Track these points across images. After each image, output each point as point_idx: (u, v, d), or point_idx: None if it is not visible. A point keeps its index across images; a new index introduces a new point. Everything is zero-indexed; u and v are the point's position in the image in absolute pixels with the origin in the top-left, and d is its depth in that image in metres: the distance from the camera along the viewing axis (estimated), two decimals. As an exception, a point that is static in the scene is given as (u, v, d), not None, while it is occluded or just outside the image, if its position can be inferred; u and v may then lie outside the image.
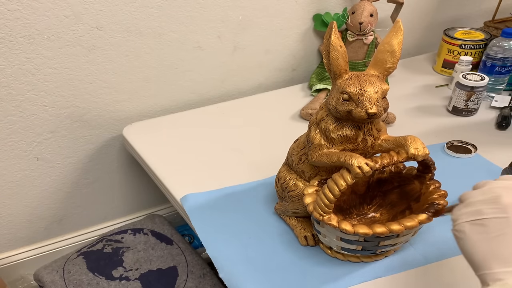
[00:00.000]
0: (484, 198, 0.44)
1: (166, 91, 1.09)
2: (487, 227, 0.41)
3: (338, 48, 0.58)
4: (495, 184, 0.45)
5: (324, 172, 0.66)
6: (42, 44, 0.88)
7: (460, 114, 1.05)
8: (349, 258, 0.68)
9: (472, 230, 0.42)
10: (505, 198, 0.42)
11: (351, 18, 1.07)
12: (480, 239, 0.41)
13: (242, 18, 1.07)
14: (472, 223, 0.43)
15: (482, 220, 0.42)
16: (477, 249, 0.41)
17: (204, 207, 0.79)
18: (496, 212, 0.41)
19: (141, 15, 0.95)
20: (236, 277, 0.66)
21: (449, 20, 1.41)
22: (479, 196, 0.45)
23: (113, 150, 1.11)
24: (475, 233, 0.42)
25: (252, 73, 1.19)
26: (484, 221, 0.42)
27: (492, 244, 0.41)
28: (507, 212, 0.41)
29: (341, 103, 0.58)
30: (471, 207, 0.44)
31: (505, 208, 0.41)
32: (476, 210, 0.43)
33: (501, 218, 0.41)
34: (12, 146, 0.98)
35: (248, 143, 0.98)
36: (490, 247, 0.41)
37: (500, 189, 0.44)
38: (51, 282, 0.96)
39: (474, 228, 0.42)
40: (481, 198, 0.44)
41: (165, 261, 1.01)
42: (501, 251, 0.40)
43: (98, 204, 1.19)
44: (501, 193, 0.43)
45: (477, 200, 0.44)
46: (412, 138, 0.58)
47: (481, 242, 0.41)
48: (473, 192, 0.47)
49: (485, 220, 0.42)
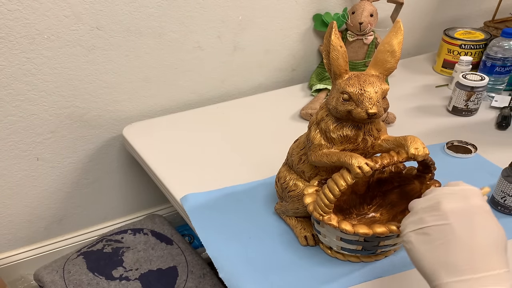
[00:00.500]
0: (426, 206, 0.42)
1: (166, 91, 1.09)
2: (431, 236, 0.40)
3: (338, 48, 0.58)
4: (438, 191, 0.44)
5: (324, 172, 0.66)
6: (42, 44, 0.88)
7: (460, 114, 1.05)
8: (349, 258, 0.68)
9: (418, 240, 0.41)
10: (445, 204, 0.41)
11: (351, 18, 1.07)
12: (426, 249, 0.39)
13: (242, 18, 1.07)
14: (416, 232, 0.41)
15: (425, 229, 0.40)
16: (425, 260, 0.40)
17: (204, 207, 0.79)
18: (437, 220, 0.40)
19: (141, 15, 0.95)
20: (236, 277, 0.66)
21: (449, 20, 1.41)
22: (423, 204, 0.43)
23: (113, 150, 1.11)
24: (421, 243, 0.40)
25: (252, 73, 1.19)
26: (427, 230, 0.40)
27: (438, 253, 0.39)
28: (448, 219, 0.39)
29: (341, 103, 0.58)
30: (415, 216, 0.43)
31: (446, 215, 0.40)
32: (419, 219, 0.42)
33: (443, 225, 0.39)
34: (12, 146, 0.98)
35: (248, 143, 0.98)
36: (436, 257, 0.39)
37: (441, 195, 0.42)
38: (51, 282, 0.96)
39: (419, 238, 0.41)
40: (423, 206, 0.43)
41: (165, 261, 1.01)
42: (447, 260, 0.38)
43: (98, 204, 1.19)
44: (441, 200, 0.41)
45: (420, 208, 0.43)
46: (412, 138, 0.58)
47: (427, 252, 0.39)
48: (418, 200, 0.45)
49: (428, 229, 0.40)
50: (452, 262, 0.37)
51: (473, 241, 0.38)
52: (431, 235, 0.40)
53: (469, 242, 0.38)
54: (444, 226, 0.39)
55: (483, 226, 0.39)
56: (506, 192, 0.73)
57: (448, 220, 0.39)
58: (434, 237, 0.39)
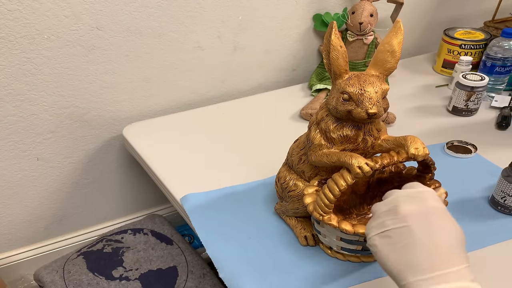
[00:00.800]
0: (386, 209, 0.44)
1: (166, 91, 1.09)
2: (392, 238, 0.41)
3: (338, 48, 0.58)
4: (396, 194, 0.45)
5: (324, 172, 0.66)
6: (42, 44, 0.88)
7: (460, 114, 1.05)
8: (349, 258, 0.68)
9: (381, 243, 0.42)
10: (403, 208, 0.42)
11: (351, 18, 1.07)
12: (389, 251, 0.41)
13: (242, 18, 1.07)
14: (380, 235, 0.43)
15: (386, 232, 0.42)
16: (390, 261, 0.41)
17: (204, 207, 0.79)
18: (396, 223, 0.41)
19: (141, 15, 0.95)
20: (236, 277, 0.66)
21: (449, 20, 1.41)
22: (383, 207, 0.45)
23: (113, 150, 1.11)
24: (385, 245, 0.42)
25: (252, 73, 1.19)
26: (388, 233, 0.42)
27: (400, 255, 0.40)
28: (407, 221, 0.41)
29: (341, 103, 0.58)
30: (377, 220, 0.44)
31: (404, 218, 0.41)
32: (381, 222, 0.43)
33: (402, 227, 0.41)
34: (12, 146, 0.98)
35: (248, 143, 0.98)
36: (400, 258, 0.40)
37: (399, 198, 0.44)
38: (51, 282, 0.96)
39: (383, 241, 0.42)
40: (384, 210, 0.44)
41: (165, 261, 1.01)
42: (410, 260, 0.40)
43: (98, 204, 1.19)
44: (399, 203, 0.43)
45: (381, 212, 0.44)
46: (412, 138, 0.58)
47: (391, 253, 0.41)
48: (379, 204, 0.47)
49: (389, 232, 0.42)
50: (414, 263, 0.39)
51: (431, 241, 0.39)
52: (392, 237, 0.41)
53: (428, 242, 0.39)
54: (403, 228, 0.41)
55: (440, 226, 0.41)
56: (506, 192, 0.73)
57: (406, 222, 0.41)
58: (395, 240, 0.41)
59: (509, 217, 0.75)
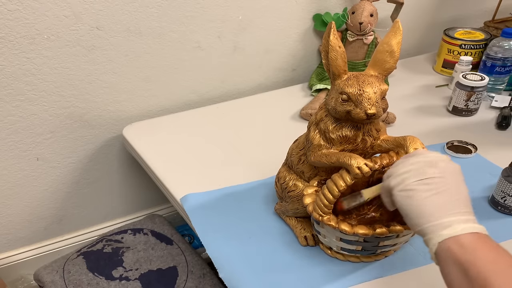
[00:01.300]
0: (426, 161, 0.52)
1: (166, 91, 1.09)
2: (432, 185, 0.50)
3: (337, 48, 0.58)
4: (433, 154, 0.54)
5: (323, 173, 0.66)
6: (42, 44, 0.88)
7: (460, 114, 1.05)
8: (349, 258, 0.68)
9: (421, 189, 0.50)
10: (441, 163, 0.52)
11: (351, 18, 1.07)
12: (428, 195, 0.49)
13: (242, 18, 1.07)
14: (419, 182, 0.50)
15: (427, 180, 0.50)
16: (427, 204, 0.49)
17: (204, 207, 0.79)
18: (437, 173, 0.50)
19: (141, 15, 0.95)
20: (236, 277, 0.66)
21: (449, 20, 1.41)
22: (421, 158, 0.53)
23: (113, 150, 1.11)
24: (424, 191, 0.50)
25: (252, 73, 1.19)
26: (429, 181, 0.50)
27: (439, 199, 0.49)
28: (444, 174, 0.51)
29: (340, 104, 0.58)
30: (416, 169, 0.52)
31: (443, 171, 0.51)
32: (421, 172, 0.51)
33: (441, 177, 0.50)
34: (12, 146, 0.98)
35: (248, 143, 0.98)
36: (437, 201, 0.49)
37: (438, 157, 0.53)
38: (51, 282, 0.96)
39: (423, 187, 0.50)
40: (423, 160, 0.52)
41: (165, 261, 1.01)
42: (445, 205, 0.49)
43: (98, 204, 1.19)
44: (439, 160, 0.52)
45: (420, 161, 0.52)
46: (411, 138, 0.58)
47: (431, 197, 0.49)
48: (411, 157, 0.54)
49: (430, 180, 0.50)
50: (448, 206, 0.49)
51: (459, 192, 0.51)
52: (432, 184, 0.50)
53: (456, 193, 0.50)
54: (442, 178, 0.50)
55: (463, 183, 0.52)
56: (506, 192, 0.73)
57: (443, 175, 0.51)
58: (435, 186, 0.50)
59: (509, 217, 0.75)
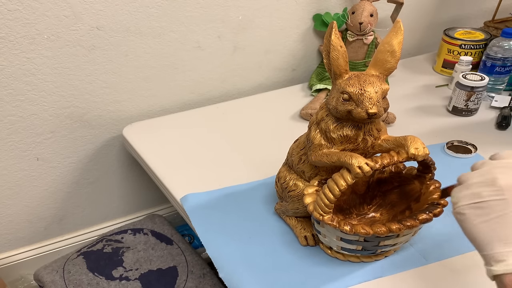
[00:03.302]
0: (481, 180, 0.44)
1: (166, 91, 1.09)
2: (486, 209, 0.42)
3: (338, 48, 0.58)
4: (492, 165, 0.46)
5: (324, 172, 0.66)
6: (42, 44, 0.88)
7: (460, 114, 1.05)
8: (349, 258, 0.68)
9: (472, 213, 0.43)
10: (501, 180, 0.43)
11: (351, 18, 1.07)
12: (480, 222, 0.42)
13: (242, 18, 1.07)
14: (471, 206, 0.43)
15: (481, 203, 0.43)
16: (478, 231, 0.42)
17: (204, 207, 0.79)
18: (494, 195, 0.42)
19: (141, 15, 0.95)
20: (236, 277, 0.66)
21: (449, 20, 1.41)
22: (477, 178, 0.45)
23: (113, 150, 1.11)
24: (475, 216, 0.43)
25: (252, 73, 1.19)
26: (483, 204, 0.43)
27: (492, 226, 0.42)
28: (505, 194, 0.42)
29: (341, 103, 0.58)
30: (470, 190, 0.45)
31: (502, 190, 0.42)
32: (475, 193, 0.44)
33: (499, 200, 0.42)
34: (12, 146, 0.98)
35: (248, 143, 0.98)
36: (490, 229, 0.42)
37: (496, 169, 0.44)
38: (51, 282, 0.96)
39: (474, 211, 0.43)
40: (479, 180, 0.45)
41: (165, 261, 1.01)
42: (501, 232, 0.41)
43: (98, 204, 1.19)
44: (497, 175, 0.43)
45: (475, 182, 0.45)
46: (412, 138, 0.58)
47: (482, 224, 0.42)
48: (471, 173, 0.47)
49: (484, 203, 0.42)
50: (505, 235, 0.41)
51: None
52: (487, 208, 0.42)
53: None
54: (501, 201, 0.42)
55: None
56: (506, 192, 0.73)
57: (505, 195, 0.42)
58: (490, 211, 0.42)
59: (509, 217, 0.75)
